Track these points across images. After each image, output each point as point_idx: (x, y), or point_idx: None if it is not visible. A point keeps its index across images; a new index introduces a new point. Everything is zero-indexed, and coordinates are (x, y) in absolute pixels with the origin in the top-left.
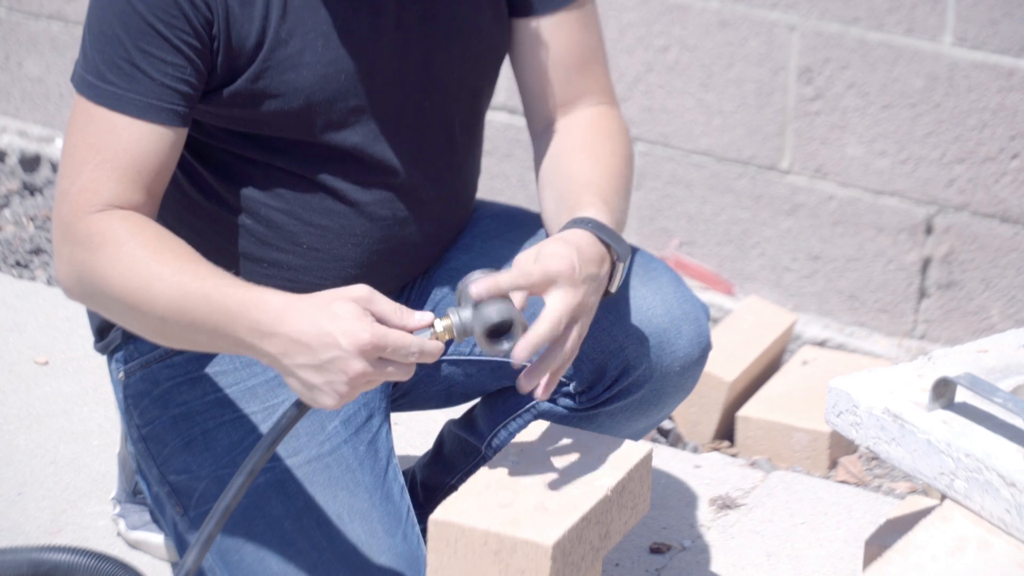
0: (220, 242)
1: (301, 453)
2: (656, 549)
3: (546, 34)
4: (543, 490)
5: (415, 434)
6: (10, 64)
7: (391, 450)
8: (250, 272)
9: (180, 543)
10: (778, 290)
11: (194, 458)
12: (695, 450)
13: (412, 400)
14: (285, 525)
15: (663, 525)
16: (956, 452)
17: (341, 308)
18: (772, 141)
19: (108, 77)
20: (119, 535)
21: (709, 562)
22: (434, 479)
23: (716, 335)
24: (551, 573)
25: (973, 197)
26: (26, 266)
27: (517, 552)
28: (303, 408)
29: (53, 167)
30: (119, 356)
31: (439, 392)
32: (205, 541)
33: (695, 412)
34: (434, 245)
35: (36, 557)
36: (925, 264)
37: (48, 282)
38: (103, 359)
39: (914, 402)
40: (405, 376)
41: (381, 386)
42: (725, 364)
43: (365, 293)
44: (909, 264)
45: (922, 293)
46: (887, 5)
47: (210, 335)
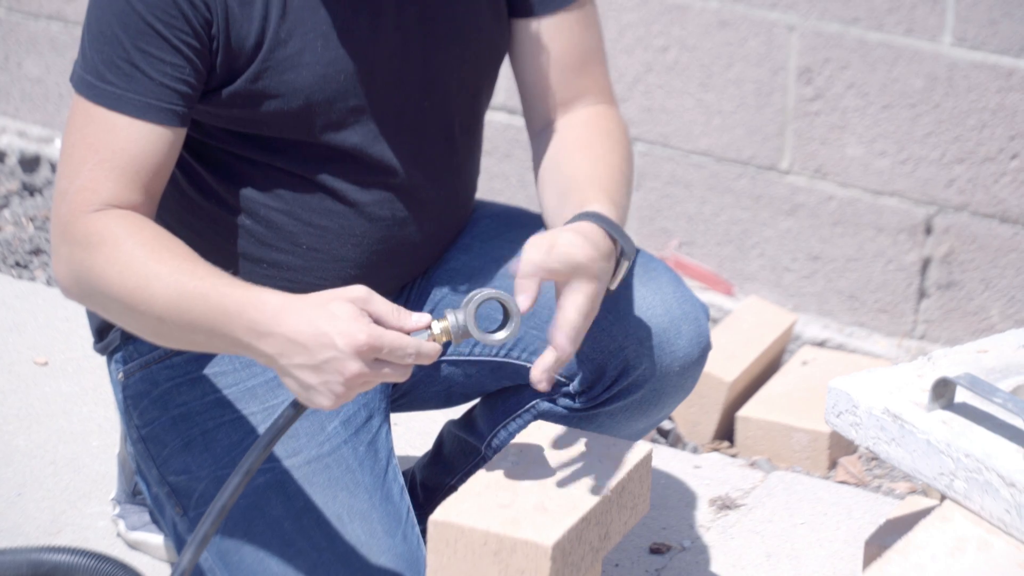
0: (219, 242)
1: (301, 454)
2: (656, 549)
3: (546, 34)
4: (543, 490)
5: (415, 434)
6: (9, 64)
7: (391, 450)
8: (250, 272)
9: (180, 544)
10: (778, 290)
11: (194, 459)
12: (695, 450)
13: (412, 400)
14: (285, 525)
15: (663, 525)
16: (956, 452)
17: (338, 308)
18: (772, 141)
19: (107, 77)
20: (119, 536)
21: (709, 562)
22: (434, 479)
23: (716, 335)
24: (551, 573)
25: (973, 197)
26: (26, 266)
27: (517, 552)
28: (300, 408)
29: (53, 167)
30: (118, 357)
31: (439, 392)
32: (201, 541)
33: (695, 412)
34: (434, 245)
35: (36, 558)
36: (925, 264)
37: (48, 282)
38: (103, 359)
39: (914, 402)
40: (402, 377)
41: (381, 386)
42: (725, 364)
43: (362, 294)
44: (909, 264)
45: (922, 293)
46: (887, 5)
47: (207, 335)
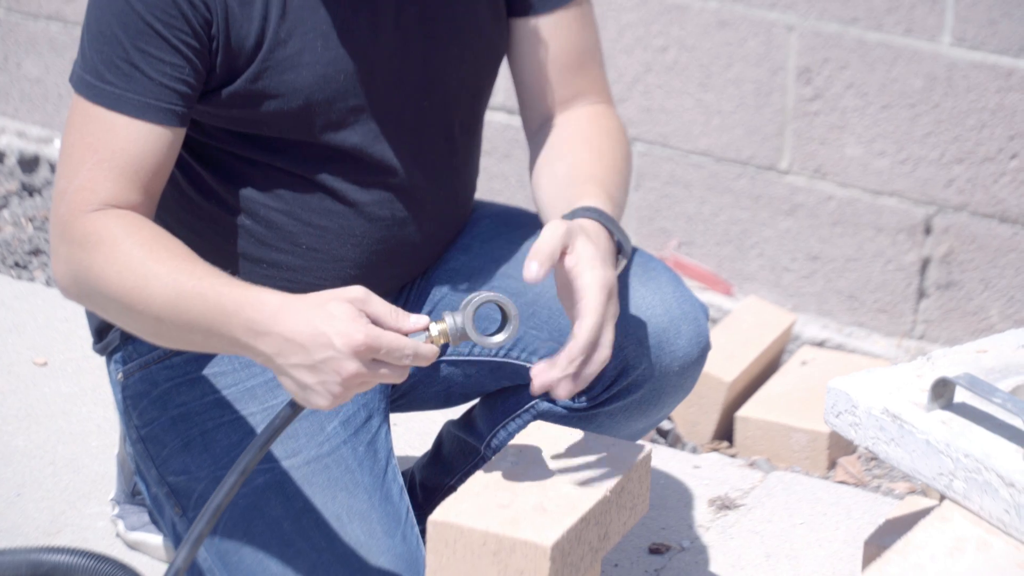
0: (219, 242)
1: (300, 454)
2: (655, 549)
3: (544, 33)
4: (542, 491)
5: (414, 435)
6: (9, 65)
7: (390, 451)
8: (249, 272)
9: (179, 544)
10: (777, 290)
11: (193, 459)
12: (694, 450)
13: (411, 401)
14: (284, 526)
15: (662, 525)
16: (955, 452)
17: (336, 309)
18: (771, 141)
19: (106, 77)
20: (118, 536)
21: (708, 562)
22: (433, 480)
23: (715, 335)
24: (550, 573)
25: (972, 197)
26: (25, 267)
27: (516, 553)
28: (297, 409)
29: (52, 168)
30: (118, 357)
31: (438, 393)
32: (195, 540)
33: (694, 412)
34: (433, 245)
35: (35, 558)
36: (924, 264)
37: (47, 283)
38: (102, 360)
39: (913, 402)
40: (399, 379)
41: (380, 387)
42: (724, 364)
43: (361, 295)
44: (908, 264)
45: (921, 293)
46: (886, 5)
47: (205, 334)
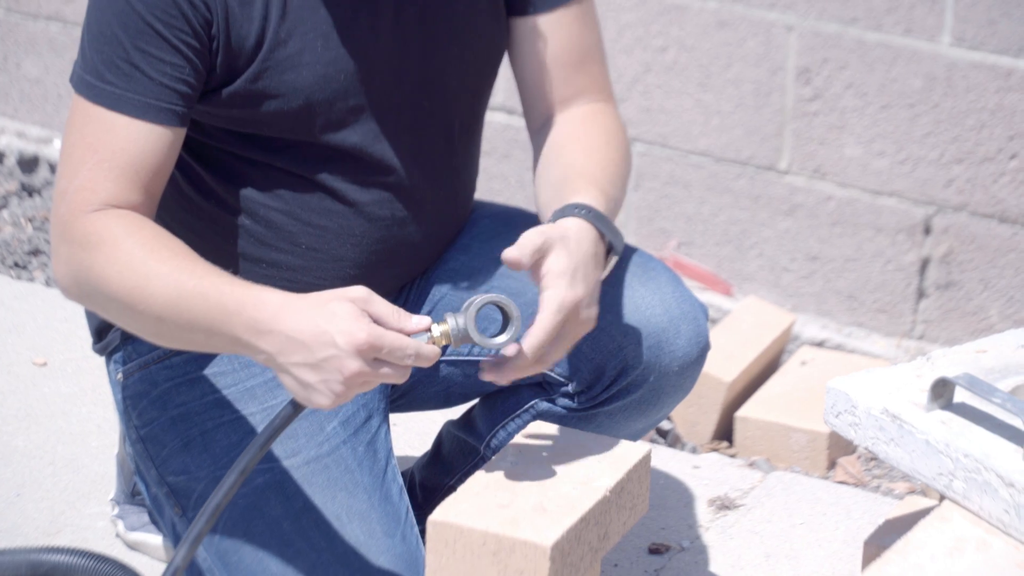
0: (219, 242)
1: (300, 454)
2: (655, 550)
3: (544, 32)
4: (542, 491)
5: (414, 435)
6: (8, 65)
7: (390, 451)
8: (249, 272)
9: (178, 544)
10: (776, 290)
11: (192, 459)
12: (694, 450)
13: (411, 401)
14: (284, 526)
15: (662, 526)
16: (955, 452)
17: (339, 308)
18: (770, 141)
19: (107, 77)
20: (118, 536)
21: (708, 563)
22: (433, 480)
23: (714, 335)
24: (550, 574)
25: (972, 197)
26: (24, 267)
27: (516, 553)
28: (298, 408)
29: (51, 168)
30: (118, 357)
31: (438, 393)
32: (194, 539)
33: (694, 412)
34: (433, 245)
35: (35, 558)
36: (924, 264)
37: (47, 283)
38: (102, 360)
39: (913, 402)
40: (400, 379)
41: (380, 387)
42: (724, 364)
43: (363, 294)
44: (908, 264)
45: (921, 293)
46: (885, 5)
47: (207, 334)
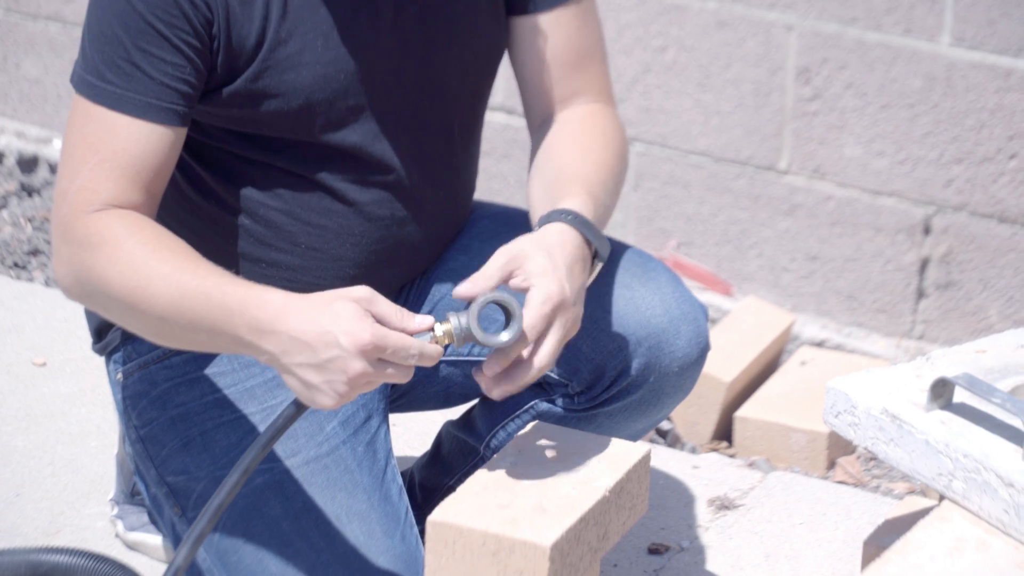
0: (219, 242)
1: (299, 454)
2: (654, 550)
3: (543, 30)
4: (541, 491)
5: (413, 435)
6: (8, 65)
7: (389, 451)
8: (249, 272)
9: (178, 544)
10: (776, 290)
11: (192, 459)
12: (693, 451)
13: (410, 401)
14: (283, 526)
15: (661, 526)
16: (954, 452)
17: (342, 308)
18: (770, 141)
19: (107, 77)
20: (117, 536)
21: (707, 563)
22: (432, 480)
23: (714, 336)
24: (549, 574)
25: (971, 197)
26: (24, 267)
27: (515, 553)
28: (301, 408)
29: (51, 168)
30: (117, 357)
31: (438, 393)
32: (196, 539)
33: (693, 412)
34: (433, 245)
35: (34, 558)
36: (923, 264)
37: (46, 283)
38: (101, 360)
39: (912, 402)
40: (404, 378)
41: (379, 387)
42: (723, 364)
43: (366, 294)
44: (907, 264)
45: (920, 293)
46: (885, 5)
47: (209, 334)
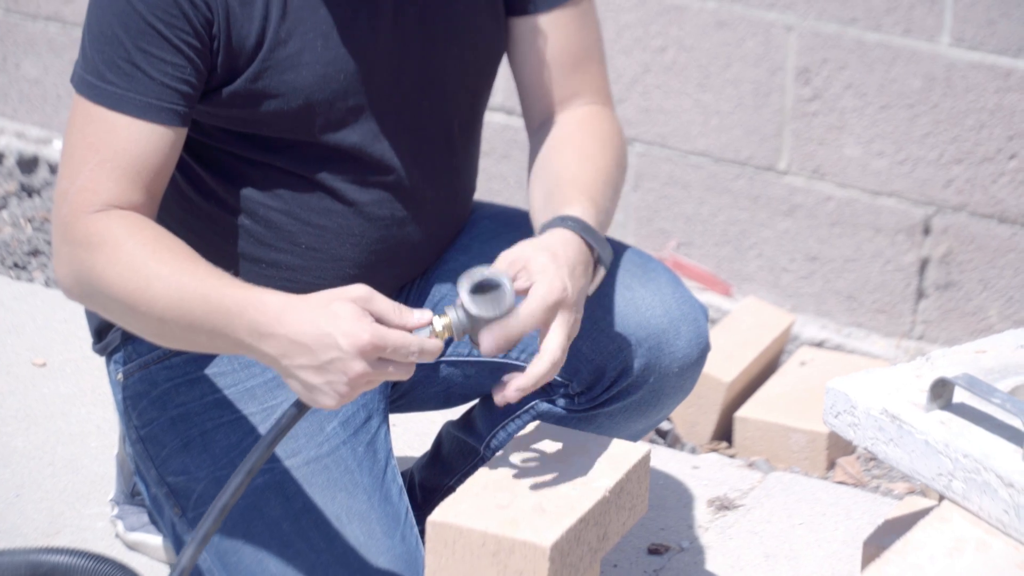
0: (219, 242)
1: (300, 454)
2: (654, 550)
3: (543, 31)
4: (541, 491)
5: (413, 435)
6: (8, 65)
7: (389, 451)
8: (249, 272)
9: (178, 544)
10: (776, 291)
11: (192, 459)
12: (693, 451)
13: (411, 401)
14: (283, 526)
15: (661, 526)
16: (954, 453)
17: (340, 308)
18: (770, 142)
19: (108, 77)
20: (117, 537)
21: (707, 563)
22: (432, 480)
23: (714, 336)
24: (549, 574)
25: (971, 197)
26: (24, 268)
27: (515, 553)
28: (303, 408)
29: (51, 169)
30: (117, 357)
31: (438, 393)
32: (201, 540)
33: (693, 413)
34: (432, 245)
35: (34, 559)
36: (923, 265)
37: (46, 284)
38: (101, 360)
39: (912, 403)
40: (405, 375)
41: (380, 387)
42: (723, 365)
43: (364, 293)
44: (907, 265)
45: (920, 294)
46: (885, 5)
47: (209, 335)
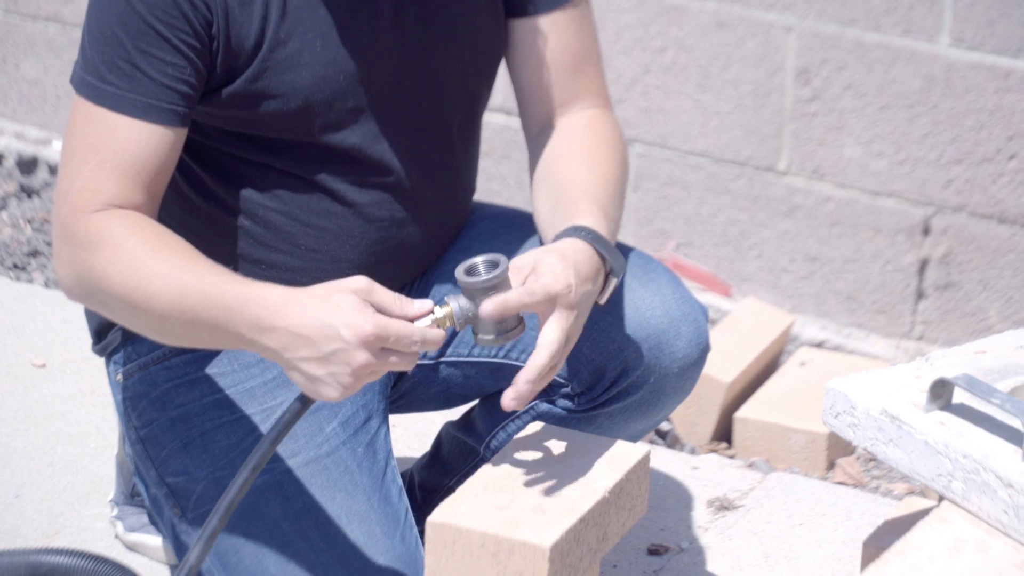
0: (218, 243)
1: (299, 455)
2: (654, 550)
3: (542, 33)
4: (541, 492)
5: (413, 436)
6: (7, 66)
7: (389, 452)
8: (248, 273)
9: (178, 545)
10: (776, 291)
11: (192, 460)
12: (693, 451)
13: (410, 402)
14: (283, 527)
15: (661, 527)
16: (954, 453)
17: (342, 300)
18: (769, 142)
19: (107, 77)
20: (117, 537)
21: (707, 563)
22: (432, 481)
23: (713, 336)
24: (549, 575)
25: (971, 198)
26: (23, 268)
27: (515, 554)
28: (307, 402)
29: (50, 169)
30: (117, 358)
31: (437, 394)
32: (208, 538)
33: (693, 413)
34: (432, 246)
35: (34, 559)
36: (923, 265)
37: (46, 284)
38: (101, 361)
39: (912, 403)
40: (408, 366)
41: (379, 388)
42: (723, 365)
43: (364, 284)
44: (907, 265)
45: (920, 294)
46: (884, 6)
47: (211, 331)
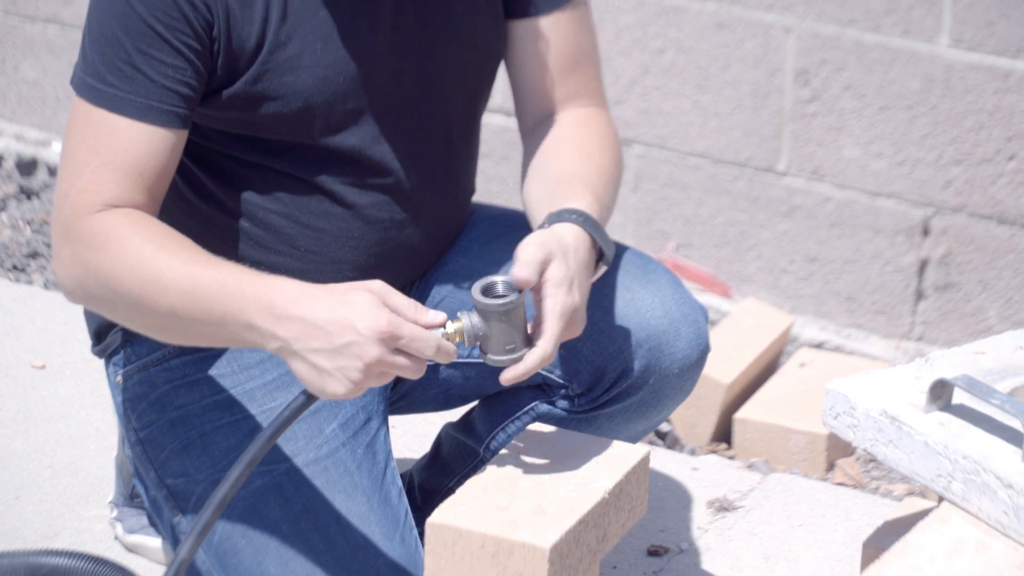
0: (218, 245)
1: (299, 456)
2: (654, 551)
3: (540, 34)
4: (541, 493)
5: (412, 437)
6: (6, 67)
7: (389, 453)
8: None
9: (178, 546)
10: (775, 292)
11: (192, 461)
12: (692, 452)
13: (410, 403)
14: (283, 528)
15: (660, 527)
16: (953, 454)
17: (358, 297)
18: (769, 143)
19: (108, 79)
20: (116, 539)
21: (706, 564)
22: (432, 482)
23: (713, 337)
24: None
25: (970, 199)
26: (23, 270)
27: (515, 555)
28: (310, 399)
29: (50, 171)
30: (117, 359)
31: (437, 395)
32: (200, 532)
33: (692, 414)
34: (432, 247)
35: (34, 561)
36: (922, 266)
37: (45, 286)
38: (100, 363)
39: (911, 404)
40: (416, 373)
41: (379, 389)
42: (722, 366)
43: (381, 287)
44: (906, 266)
45: (919, 295)
46: (883, 6)
47: (219, 324)
